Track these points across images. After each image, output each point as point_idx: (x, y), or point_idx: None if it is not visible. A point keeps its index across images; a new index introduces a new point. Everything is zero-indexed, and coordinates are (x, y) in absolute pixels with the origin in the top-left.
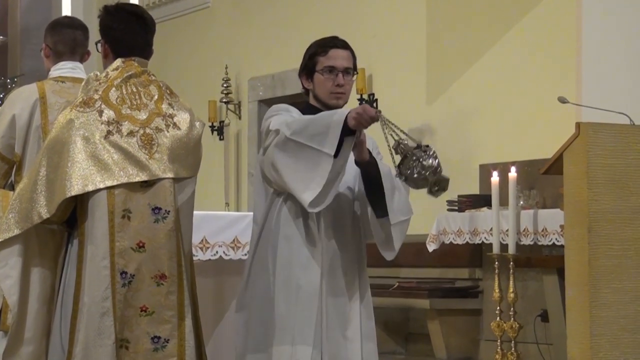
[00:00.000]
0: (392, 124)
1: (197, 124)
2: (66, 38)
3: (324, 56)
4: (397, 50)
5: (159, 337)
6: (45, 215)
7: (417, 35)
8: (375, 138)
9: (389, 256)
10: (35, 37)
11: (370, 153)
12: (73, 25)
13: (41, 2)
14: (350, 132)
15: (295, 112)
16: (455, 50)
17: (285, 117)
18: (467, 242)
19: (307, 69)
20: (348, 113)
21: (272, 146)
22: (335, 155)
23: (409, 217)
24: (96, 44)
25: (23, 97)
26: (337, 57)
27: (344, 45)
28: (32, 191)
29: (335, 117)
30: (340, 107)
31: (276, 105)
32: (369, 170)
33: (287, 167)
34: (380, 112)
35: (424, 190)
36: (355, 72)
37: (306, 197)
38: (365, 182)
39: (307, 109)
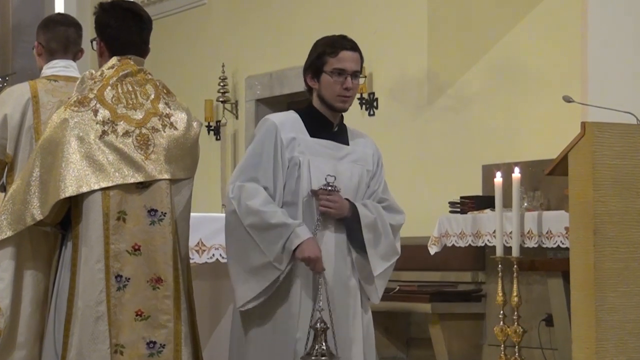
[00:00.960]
0: (325, 291)
1: (195, 123)
2: (59, 36)
3: (334, 57)
4: (398, 48)
5: (155, 342)
6: (38, 217)
7: (419, 32)
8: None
9: (373, 299)
10: (27, 34)
11: (350, 204)
12: (66, 22)
13: None
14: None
15: (288, 126)
16: (458, 48)
17: (252, 163)
18: (470, 245)
19: (314, 67)
20: (303, 242)
21: (228, 214)
22: None
23: (394, 261)
24: (91, 41)
25: (15, 96)
26: (347, 60)
27: (353, 46)
28: (25, 192)
29: (291, 237)
30: (346, 110)
31: (269, 120)
32: (350, 225)
33: (233, 256)
34: (324, 277)
35: (426, 193)
36: (363, 75)
37: (241, 298)
38: (348, 233)
39: (308, 113)
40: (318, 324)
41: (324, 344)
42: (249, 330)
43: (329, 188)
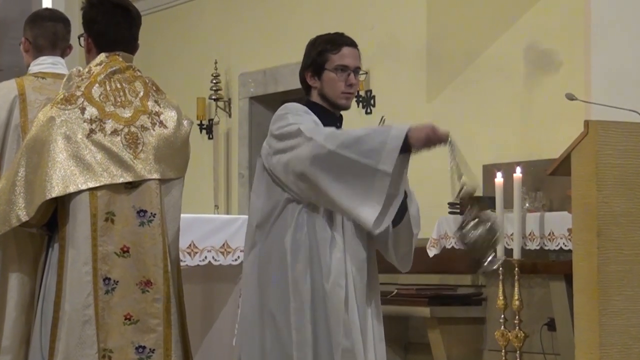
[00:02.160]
0: (459, 153)
1: (185, 122)
2: (47, 32)
3: (336, 54)
4: (396, 44)
5: (144, 347)
6: (24, 218)
7: (417, 28)
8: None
9: (404, 268)
10: (13, 30)
11: None
12: (54, 18)
13: None
14: (405, 150)
15: (314, 116)
16: (458, 45)
17: (310, 124)
18: None
19: (315, 65)
20: (408, 130)
21: (306, 157)
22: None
23: (417, 233)
24: (79, 37)
25: (1, 94)
26: (349, 56)
27: (353, 43)
28: (11, 193)
29: (393, 132)
30: (349, 107)
31: (290, 104)
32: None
33: (335, 184)
34: (450, 139)
35: (424, 193)
36: (364, 72)
37: (367, 215)
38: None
39: (311, 107)
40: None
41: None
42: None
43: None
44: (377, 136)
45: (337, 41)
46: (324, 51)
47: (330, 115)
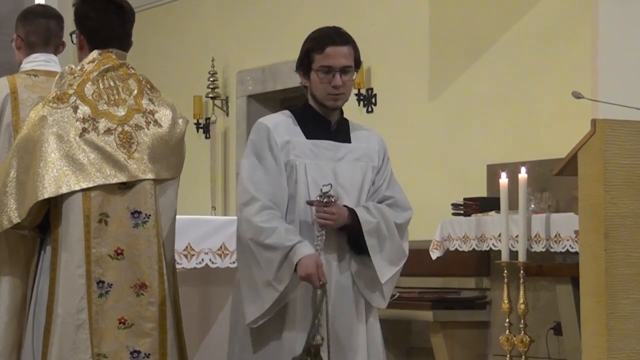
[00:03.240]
0: (325, 310)
1: (180, 121)
2: (39, 28)
3: (320, 54)
4: (398, 41)
5: (139, 352)
6: (15, 219)
7: (420, 24)
8: None
9: (380, 304)
10: (5, 26)
11: (349, 210)
12: (47, 14)
13: None
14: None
15: (282, 129)
16: (461, 41)
17: (259, 176)
18: (474, 249)
19: (304, 65)
20: (300, 260)
21: (239, 224)
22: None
23: (402, 265)
24: (71, 34)
25: None
26: (334, 56)
27: (343, 40)
28: (2, 194)
29: (290, 256)
30: (339, 107)
31: (261, 124)
32: (352, 233)
33: (242, 272)
34: (325, 290)
35: (427, 194)
36: (356, 67)
37: (248, 314)
38: (350, 241)
39: (305, 112)
40: (314, 340)
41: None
42: (251, 342)
43: (325, 200)
44: (279, 255)
45: (322, 40)
46: (310, 51)
47: (320, 122)
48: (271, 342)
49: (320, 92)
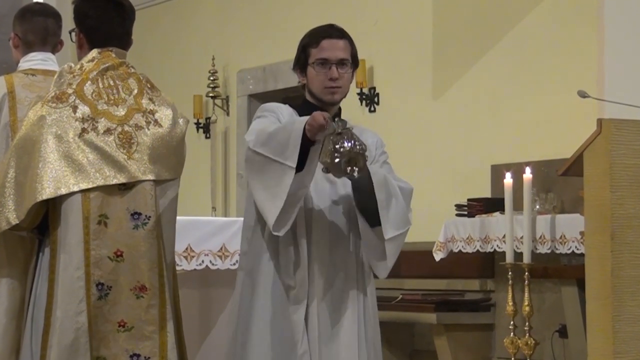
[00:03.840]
0: (349, 132)
1: (181, 120)
2: (37, 27)
3: (315, 48)
4: (401, 39)
5: (139, 355)
6: (14, 221)
7: (423, 22)
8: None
9: (381, 274)
10: (3, 25)
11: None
12: (45, 12)
13: None
14: (309, 142)
15: (285, 111)
16: (465, 40)
17: (264, 123)
18: (478, 251)
19: (300, 62)
20: (306, 121)
21: (245, 158)
22: (301, 168)
23: (406, 230)
24: (70, 33)
25: None
26: (330, 48)
27: (339, 34)
28: (0, 195)
29: (295, 126)
30: (337, 102)
31: (266, 104)
32: (358, 184)
33: (255, 184)
34: (330, 118)
35: (431, 195)
36: (353, 64)
37: (270, 217)
38: (355, 192)
39: (303, 106)
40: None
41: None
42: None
43: (339, 130)
44: (284, 131)
45: (317, 34)
46: (306, 46)
47: None
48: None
49: (317, 87)
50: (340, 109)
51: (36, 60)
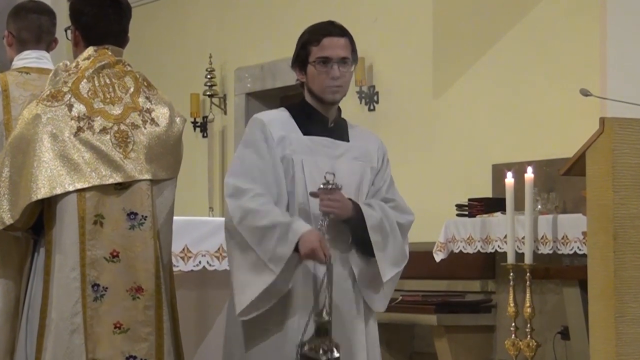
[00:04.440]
0: (331, 285)
1: (178, 119)
2: (31, 24)
3: (316, 46)
4: (401, 36)
5: (135, 357)
6: (8, 221)
7: (423, 19)
8: None
9: (378, 307)
10: None
11: (353, 203)
12: (39, 10)
13: None
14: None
15: (278, 125)
16: (466, 38)
17: (249, 168)
18: (479, 251)
19: (300, 60)
20: (300, 237)
21: (226, 219)
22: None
23: (402, 267)
24: (66, 30)
25: None
26: (331, 46)
27: (340, 32)
28: None
29: (290, 236)
30: (337, 101)
31: (256, 119)
32: (355, 227)
33: (233, 255)
34: (331, 264)
35: (431, 194)
36: (354, 62)
37: (238, 304)
38: (353, 236)
39: (302, 109)
40: (322, 318)
41: (328, 341)
42: (246, 340)
43: (329, 187)
44: (276, 233)
45: (319, 31)
46: (306, 43)
47: (317, 119)
48: (272, 334)
49: (317, 86)
50: (339, 109)
51: (30, 58)
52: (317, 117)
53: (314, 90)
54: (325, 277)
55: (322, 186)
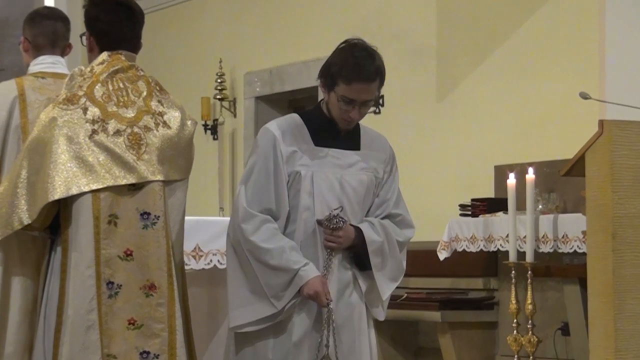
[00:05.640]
0: (331, 329)
1: (189, 122)
2: (46, 30)
3: (346, 85)
4: (405, 42)
5: (148, 352)
6: (26, 220)
7: (426, 25)
8: None
9: (379, 318)
10: (15, 28)
11: (355, 230)
12: (53, 16)
13: None
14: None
15: (288, 138)
16: (468, 42)
17: (257, 186)
18: (481, 250)
19: (327, 82)
20: (306, 282)
21: (231, 232)
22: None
23: (401, 279)
24: (81, 36)
25: (1, 94)
26: (359, 91)
27: (372, 76)
28: (12, 195)
29: (296, 280)
30: (350, 129)
31: (266, 131)
32: (358, 250)
33: (233, 268)
34: (331, 308)
35: (435, 195)
36: (377, 103)
37: (234, 319)
38: (354, 258)
39: (316, 117)
40: (326, 353)
41: None
42: (244, 353)
43: (333, 226)
44: (283, 277)
45: (351, 74)
46: (337, 76)
47: (330, 128)
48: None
49: (335, 114)
50: None
51: (46, 63)
52: (329, 127)
53: (332, 112)
54: (329, 321)
55: (327, 222)
